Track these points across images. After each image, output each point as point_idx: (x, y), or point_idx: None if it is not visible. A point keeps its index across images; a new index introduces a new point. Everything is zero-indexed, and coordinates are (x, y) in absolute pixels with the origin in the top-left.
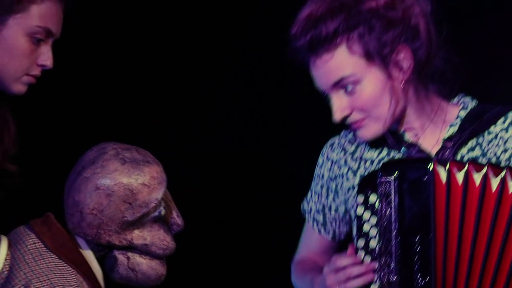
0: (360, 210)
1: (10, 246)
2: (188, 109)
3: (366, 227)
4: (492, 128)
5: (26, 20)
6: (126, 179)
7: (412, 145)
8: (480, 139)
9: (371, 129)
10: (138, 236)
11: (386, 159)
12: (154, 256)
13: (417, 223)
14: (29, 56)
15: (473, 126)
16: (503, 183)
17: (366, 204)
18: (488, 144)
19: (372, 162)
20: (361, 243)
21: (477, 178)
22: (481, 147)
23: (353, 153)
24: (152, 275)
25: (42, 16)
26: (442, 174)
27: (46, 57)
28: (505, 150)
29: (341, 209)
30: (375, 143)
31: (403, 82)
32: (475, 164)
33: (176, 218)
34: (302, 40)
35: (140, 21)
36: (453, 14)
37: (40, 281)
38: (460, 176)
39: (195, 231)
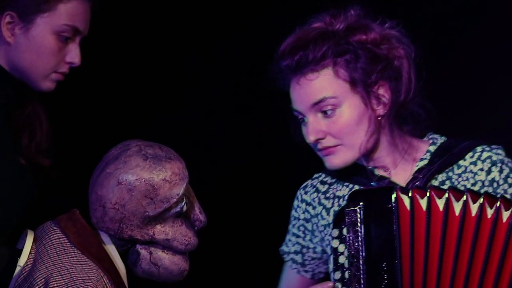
0: (335, 243)
1: (35, 240)
2: (212, 113)
3: (341, 259)
4: (461, 162)
5: (54, 19)
6: (147, 174)
7: (382, 178)
8: (450, 173)
9: (342, 157)
10: (160, 231)
11: None
12: (176, 251)
13: (383, 250)
14: (57, 54)
15: (442, 159)
16: (465, 207)
17: (341, 237)
18: (458, 178)
19: (344, 198)
20: (337, 275)
21: (440, 203)
22: (451, 181)
23: (325, 192)
24: (175, 270)
25: (69, 15)
26: (406, 201)
27: (73, 54)
28: (475, 183)
29: (319, 249)
30: (347, 180)
31: (380, 116)
32: (437, 189)
33: (199, 215)
34: (289, 59)
35: (163, 22)
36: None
37: (61, 275)
38: (423, 202)
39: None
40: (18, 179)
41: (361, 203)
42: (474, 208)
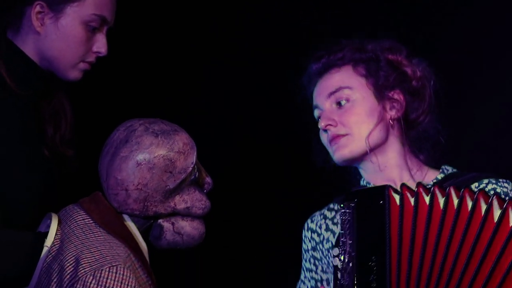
0: (336, 261)
1: (60, 223)
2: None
3: (339, 273)
4: None
5: (83, 9)
6: (163, 150)
7: None
8: None
9: (349, 147)
10: (180, 201)
11: None
12: (194, 217)
13: (374, 245)
14: (85, 43)
15: (446, 184)
16: (447, 200)
17: (339, 251)
18: None
19: None
20: None
21: (427, 198)
22: None
23: (333, 218)
24: (196, 235)
25: (98, 5)
26: (397, 198)
27: (101, 44)
28: None
29: (330, 277)
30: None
31: (391, 119)
32: (425, 188)
33: (206, 178)
34: (317, 63)
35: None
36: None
37: (91, 252)
38: (412, 199)
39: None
40: (39, 168)
41: (355, 200)
42: (455, 201)
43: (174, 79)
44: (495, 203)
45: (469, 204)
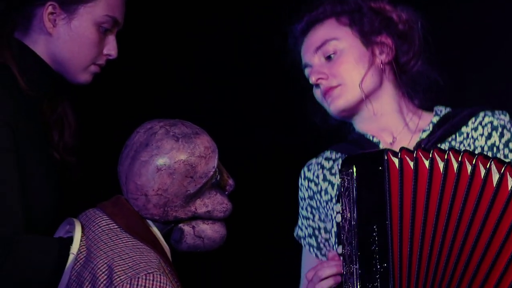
0: (338, 217)
1: (82, 228)
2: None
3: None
4: (463, 129)
5: (96, 9)
6: (183, 155)
7: None
8: (453, 142)
9: (344, 97)
10: (200, 204)
11: None
12: (216, 220)
13: (374, 212)
14: (98, 45)
15: (443, 128)
16: (447, 164)
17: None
18: (460, 145)
19: None
20: (340, 249)
21: (426, 163)
22: None
23: (331, 169)
24: (217, 238)
25: (110, 6)
26: (396, 162)
27: (111, 46)
28: (475, 149)
29: (329, 227)
30: (351, 155)
31: (383, 63)
32: (425, 151)
33: (228, 180)
34: (300, 24)
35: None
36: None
37: (123, 259)
38: (412, 163)
39: None
40: (53, 171)
41: (354, 167)
42: (455, 166)
43: (184, 81)
44: (494, 168)
45: (469, 168)
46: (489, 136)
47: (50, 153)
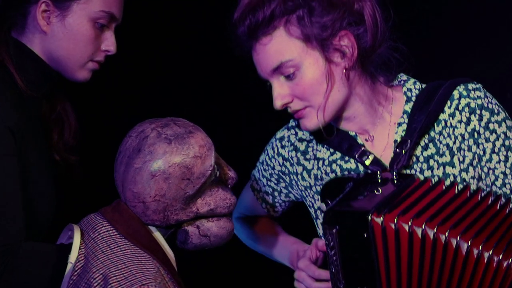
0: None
1: (82, 235)
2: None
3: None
4: (440, 116)
5: (90, 5)
6: (177, 158)
7: (364, 153)
8: (432, 133)
9: (312, 120)
10: (202, 204)
11: (339, 162)
12: (220, 216)
13: (362, 273)
14: (94, 41)
15: (421, 124)
16: (423, 239)
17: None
18: (440, 136)
19: (324, 162)
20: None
21: (406, 227)
22: (434, 143)
23: (304, 153)
24: (224, 234)
25: (106, 1)
26: (379, 227)
27: (109, 42)
28: (455, 139)
29: (292, 195)
30: (325, 140)
31: (345, 69)
32: (402, 215)
33: (229, 173)
34: (241, 26)
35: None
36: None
37: (119, 269)
38: (392, 225)
39: None
40: (52, 174)
41: (337, 227)
42: (431, 234)
43: (181, 79)
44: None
45: (442, 238)
46: (468, 122)
47: (50, 154)
